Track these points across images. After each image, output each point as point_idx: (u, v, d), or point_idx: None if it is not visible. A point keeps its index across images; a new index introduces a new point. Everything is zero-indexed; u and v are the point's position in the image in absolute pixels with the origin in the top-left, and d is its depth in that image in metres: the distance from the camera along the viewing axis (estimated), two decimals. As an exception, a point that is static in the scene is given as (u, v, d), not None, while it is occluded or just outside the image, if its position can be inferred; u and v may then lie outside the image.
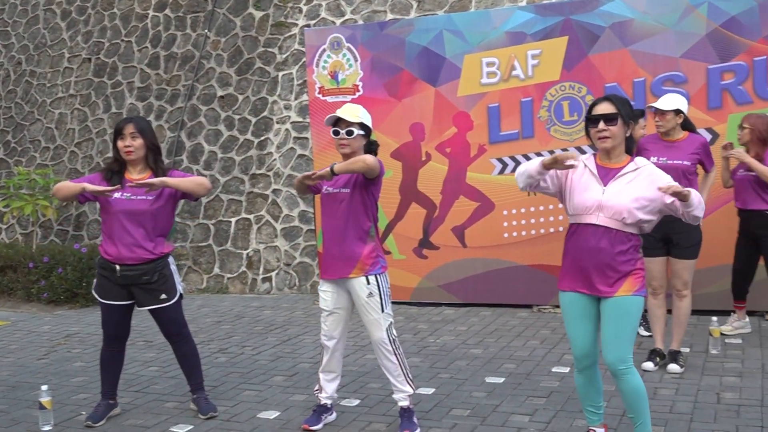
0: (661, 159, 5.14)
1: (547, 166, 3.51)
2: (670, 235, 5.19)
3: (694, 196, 3.40)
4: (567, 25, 7.00)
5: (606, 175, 3.58)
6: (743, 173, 5.77)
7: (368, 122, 4.30)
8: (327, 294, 4.40)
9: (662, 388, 4.89)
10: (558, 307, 7.09)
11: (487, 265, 7.43)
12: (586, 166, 3.63)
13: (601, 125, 3.50)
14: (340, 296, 4.39)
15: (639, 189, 3.52)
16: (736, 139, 5.96)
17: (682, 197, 3.34)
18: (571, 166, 3.48)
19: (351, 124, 4.22)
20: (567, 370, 5.36)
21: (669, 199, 3.43)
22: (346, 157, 4.26)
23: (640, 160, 3.64)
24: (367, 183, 4.25)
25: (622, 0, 6.84)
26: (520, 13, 7.20)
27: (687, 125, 5.39)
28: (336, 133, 4.25)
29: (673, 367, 5.20)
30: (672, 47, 6.69)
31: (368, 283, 4.29)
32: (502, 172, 7.32)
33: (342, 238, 4.27)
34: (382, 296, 4.33)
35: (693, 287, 6.69)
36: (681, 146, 5.28)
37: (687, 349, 5.72)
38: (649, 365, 5.27)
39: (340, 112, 4.24)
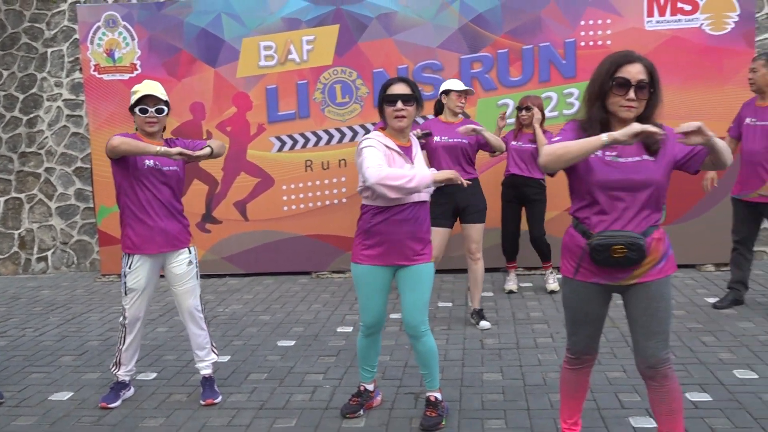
0: (443, 138, 5.18)
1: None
2: (459, 205, 5.23)
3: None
4: (338, 14, 6.95)
5: (407, 153, 3.53)
6: (523, 145, 5.95)
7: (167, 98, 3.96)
8: (142, 271, 3.95)
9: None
10: (336, 272, 7.12)
11: (268, 236, 7.24)
12: (387, 147, 3.45)
13: (399, 104, 3.41)
14: (153, 272, 4.00)
15: (423, 164, 3.58)
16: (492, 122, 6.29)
17: None
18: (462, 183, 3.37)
19: (159, 101, 3.83)
20: (351, 329, 5.36)
21: None
22: (152, 135, 3.87)
23: (414, 138, 3.65)
24: (187, 162, 3.98)
25: (387, -6, 6.93)
26: (294, 0, 7.01)
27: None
28: (144, 111, 3.82)
29: (484, 323, 5.26)
30: (430, 38, 6.89)
31: (189, 252, 4.04)
32: (280, 149, 7.14)
33: (169, 213, 3.93)
34: (197, 265, 4.09)
35: (454, 249, 7.03)
36: (462, 126, 5.22)
37: (449, 304, 5.97)
38: (485, 324, 5.28)
39: (148, 90, 3.81)
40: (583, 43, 6.75)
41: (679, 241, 6.74)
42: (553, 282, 6.21)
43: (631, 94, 2.68)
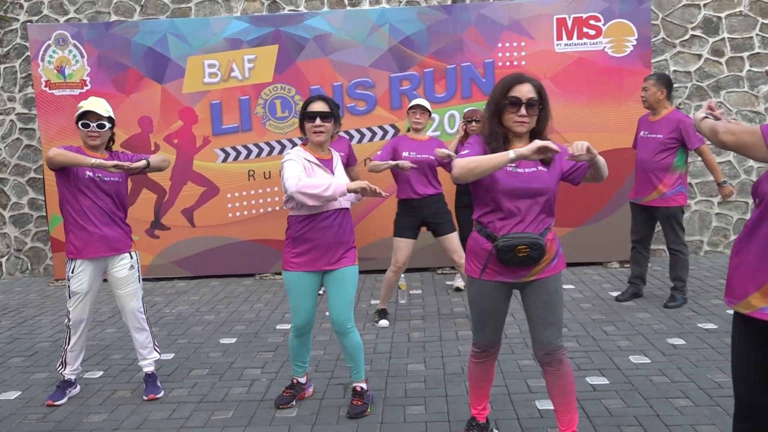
0: (411, 153, 5.15)
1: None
2: (426, 219, 5.21)
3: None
4: (277, 35, 6.95)
5: (327, 165, 3.56)
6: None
7: (113, 115, 3.91)
8: (84, 275, 3.87)
9: (366, 334, 5.09)
10: (278, 274, 7.09)
11: (214, 241, 7.17)
12: (308, 160, 3.48)
13: (318, 121, 3.45)
14: (96, 276, 3.92)
15: (342, 175, 3.61)
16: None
17: None
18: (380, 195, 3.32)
19: (101, 117, 3.78)
20: (289, 326, 5.36)
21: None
22: (97, 148, 3.83)
23: (334, 152, 3.64)
24: (132, 174, 3.92)
25: (323, 17, 6.96)
26: (236, 22, 6.98)
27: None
28: (86, 125, 3.76)
29: None
30: (362, 58, 6.94)
31: (131, 257, 3.97)
32: (225, 160, 7.09)
33: (110, 220, 3.87)
34: (138, 269, 4.00)
35: (377, 252, 7.10)
36: (429, 144, 5.22)
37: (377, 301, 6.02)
38: (384, 323, 5.32)
39: (91, 106, 3.76)
40: (500, 63, 6.90)
41: (587, 241, 6.99)
42: (459, 280, 6.33)
43: (522, 111, 2.78)
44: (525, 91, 2.78)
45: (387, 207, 6.99)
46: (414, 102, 5.30)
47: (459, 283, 6.33)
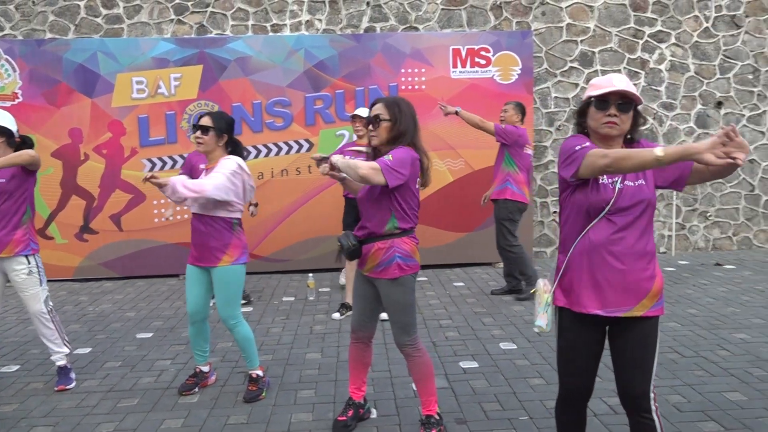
0: (352, 158, 5.16)
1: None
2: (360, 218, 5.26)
3: (170, 180, 3.36)
4: (202, 56, 6.90)
5: (207, 173, 3.56)
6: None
7: (7, 125, 3.74)
8: None
9: (273, 327, 5.11)
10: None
11: (140, 244, 7.03)
12: (202, 168, 3.62)
13: (198, 133, 3.50)
14: None
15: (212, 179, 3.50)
16: (332, 149, 6.42)
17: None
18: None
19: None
20: (204, 321, 5.32)
21: None
22: None
23: (225, 158, 3.53)
24: (26, 174, 3.76)
25: (243, 41, 6.96)
26: (163, 43, 6.89)
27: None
28: None
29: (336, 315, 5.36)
30: (280, 79, 6.97)
31: (28, 262, 3.80)
32: (151, 170, 6.97)
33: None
34: (39, 273, 3.86)
35: (299, 252, 7.13)
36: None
37: (292, 298, 6.05)
38: (336, 315, 5.32)
39: None
40: (404, 87, 7.06)
41: (478, 244, 7.21)
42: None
43: (371, 127, 2.96)
44: (374, 109, 3.03)
45: (306, 211, 7.03)
46: (354, 112, 5.32)
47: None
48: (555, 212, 7.82)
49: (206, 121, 3.51)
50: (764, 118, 7.93)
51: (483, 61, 7.10)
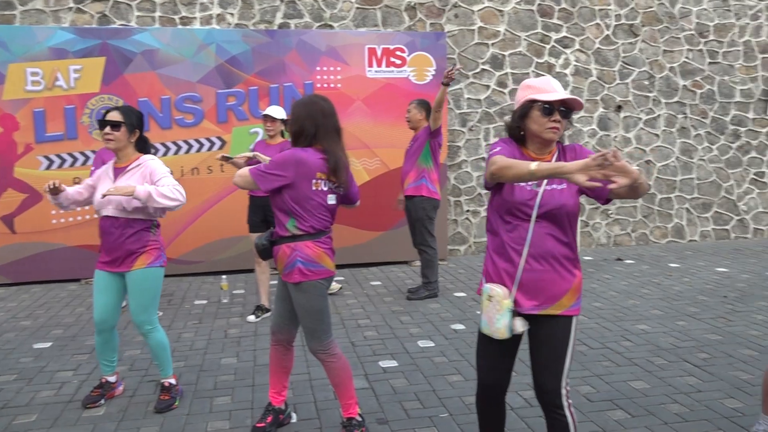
0: None
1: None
2: (268, 216, 5.08)
3: (140, 191, 3.19)
4: (105, 47, 6.52)
5: (118, 172, 3.39)
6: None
7: None
8: None
9: (185, 332, 4.91)
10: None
11: (36, 247, 6.55)
12: (109, 166, 3.42)
13: (108, 129, 3.31)
14: None
15: (136, 182, 3.30)
16: (245, 147, 6.24)
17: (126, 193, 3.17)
18: None
19: None
20: (109, 328, 5.02)
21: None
22: None
23: (145, 158, 3.41)
24: None
25: (150, 33, 6.64)
26: (62, 32, 6.46)
27: (282, 132, 5.23)
28: None
29: (251, 318, 5.22)
30: (190, 74, 6.71)
31: None
32: (48, 167, 6.52)
33: None
34: None
35: (211, 254, 6.91)
36: (278, 146, 5.02)
37: (205, 301, 5.84)
38: (251, 318, 5.18)
39: None
40: (319, 85, 6.98)
41: (394, 243, 7.25)
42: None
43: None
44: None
45: (218, 211, 6.81)
46: (265, 111, 5.16)
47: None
48: (468, 211, 8.00)
49: (115, 116, 3.31)
50: (659, 121, 8.47)
51: (398, 61, 7.14)
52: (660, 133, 8.48)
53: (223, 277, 6.02)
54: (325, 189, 2.93)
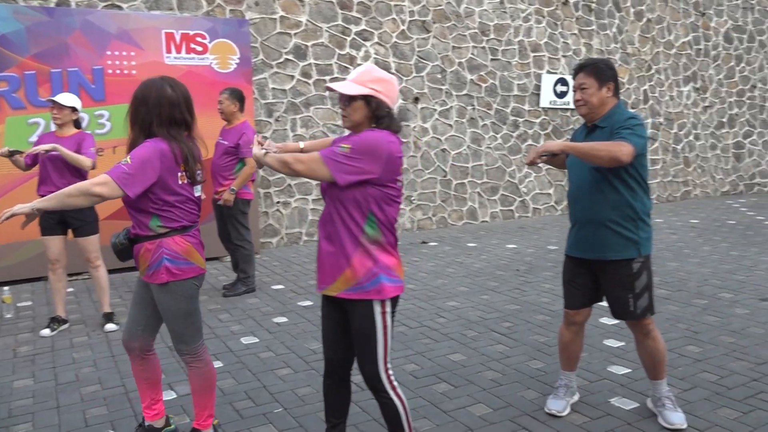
0: (54, 153, 4.39)
1: None
2: (66, 218, 4.53)
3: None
4: None
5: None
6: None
7: None
8: None
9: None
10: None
11: None
12: None
13: None
14: None
15: None
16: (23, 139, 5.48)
17: None
18: None
19: None
20: None
21: None
22: None
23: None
24: None
25: None
26: None
27: (77, 123, 4.66)
28: None
29: (109, 326, 4.69)
30: (-54, 54, 5.72)
31: None
32: None
33: None
34: None
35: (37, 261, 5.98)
36: (72, 139, 4.49)
37: (32, 307, 5.06)
38: (46, 332, 4.58)
39: None
40: (111, 71, 6.38)
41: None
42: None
43: None
44: None
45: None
46: (52, 98, 4.54)
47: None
48: (278, 202, 7.93)
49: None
50: (451, 112, 9.14)
51: (200, 48, 6.79)
52: (453, 123, 9.16)
53: (5, 288, 5.26)
54: (189, 181, 2.68)
